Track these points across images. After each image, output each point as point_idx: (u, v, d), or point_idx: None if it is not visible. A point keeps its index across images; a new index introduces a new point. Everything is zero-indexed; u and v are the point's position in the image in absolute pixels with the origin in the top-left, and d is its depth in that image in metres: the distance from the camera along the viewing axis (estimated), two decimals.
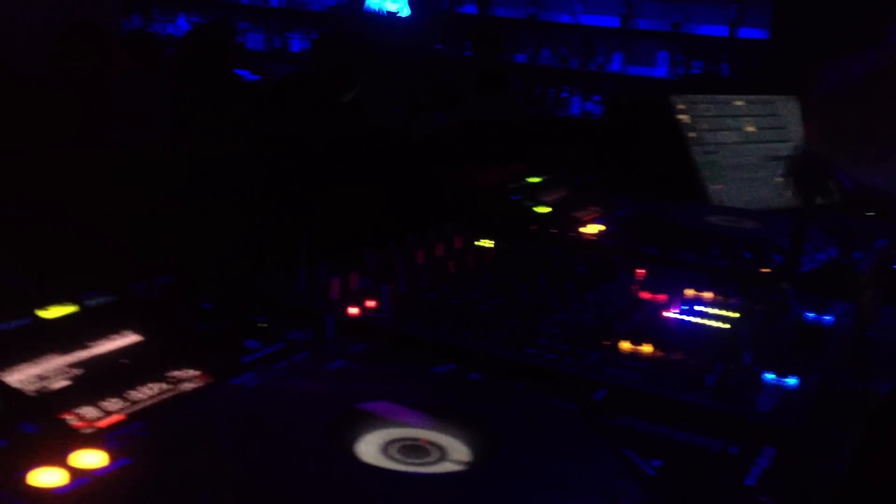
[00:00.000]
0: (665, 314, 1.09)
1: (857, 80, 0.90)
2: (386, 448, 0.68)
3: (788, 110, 2.24)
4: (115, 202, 0.98)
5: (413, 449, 0.68)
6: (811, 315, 1.11)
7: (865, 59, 0.88)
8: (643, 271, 1.25)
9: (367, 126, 1.57)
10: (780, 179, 1.22)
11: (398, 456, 0.67)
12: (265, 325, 0.91)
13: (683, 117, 2.03)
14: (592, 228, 1.51)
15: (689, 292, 1.18)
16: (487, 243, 1.33)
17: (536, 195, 1.59)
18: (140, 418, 0.71)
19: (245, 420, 0.70)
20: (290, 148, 1.31)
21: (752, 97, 2.19)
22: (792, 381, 0.90)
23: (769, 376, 0.91)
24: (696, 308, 1.11)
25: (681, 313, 1.09)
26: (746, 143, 2.09)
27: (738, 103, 2.16)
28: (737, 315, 1.09)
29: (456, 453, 0.68)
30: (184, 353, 0.83)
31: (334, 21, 6.82)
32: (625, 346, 0.97)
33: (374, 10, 6.38)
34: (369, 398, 0.73)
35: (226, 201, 1.11)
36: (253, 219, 1.12)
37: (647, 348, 0.97)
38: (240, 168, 1.17)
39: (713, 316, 1.09)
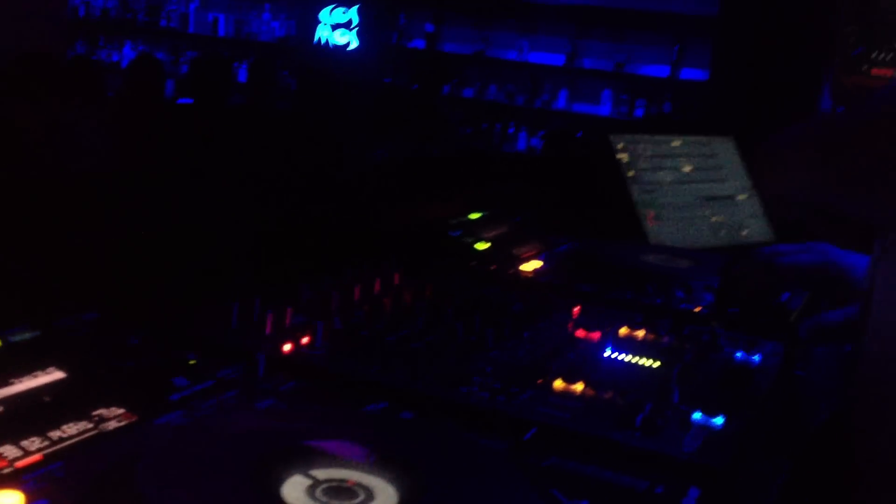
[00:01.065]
0: (599, 352, 1.11)
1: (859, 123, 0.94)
2: (312, 490, 0.67)
3: (725, 151, 2.29)
4: (40, 234, 0.96)
5: (340, 491, 0.67)
6: (740, 354, 1.13)
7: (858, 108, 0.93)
8: (579, 309, 1.27)
9: (314, 159, 1.57)
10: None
11: (324, 498, 0.66)
12: (194, 362, 0.90)
13: (623, 156, 2.07)
14: (530, 266, 1.52)
15: (624, 330, 1.19)
16: (424, 280, 1.34)
17: (476, 231, 1.60)
18: (60, 458, 0.70)
19: (169, 460, 0.69)
20: (229, 180, 1.30)
21: (689, 138, 2.24)
22: (718, 420, 0.92)
23: (696, 416, 0.92)
24: (628, 346, 1.12)
25: (614, 352, 1.11)
26: (683, 183, 2.13)
27: (676, 143, 2.21)
28: (668, 354, 1.11)
29: (383, 495, 0.68)
30: (108, 391, 0.81)
31: (283, 52, 6.83)
32: (558, 384, 0.98)
33: (324, 43, 6.40)
34: (296, 439, 0.72)
35: (156, 234, 1.10)
36: (185, 252, 1.11)
37: (579, 387, 0.98)
38: (173, 199, 1.16)
39: (644, 355, 1.10)
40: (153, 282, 1.04)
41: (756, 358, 1.13)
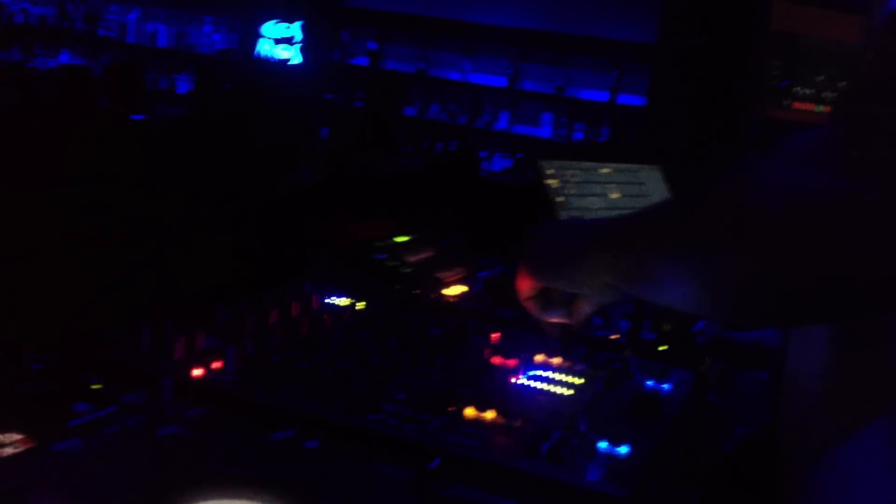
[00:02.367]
0: (513, 379, 1.12)
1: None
2: None
3: (652, 179, 2.34)
4: None
5: None
6: (650, 383, 1.15)
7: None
8: (497, 335, 1.28)
9: (240, 176, 1.55)
10: None
11: None
12: (98, 386, 0.89)
13: (551, 182, 2.09)
14: (454, 290, 1.53)
15: (539, 357, 1.21)
16: (344, 303, 1.34)
17: (402, 255, 1.61)
18: None
19: (62, 488, 0.68)
20: (146, 196, 1.28)
21: (618, 165, 2.28)
22: (623, 449, 0.93)
23: (602, 445, 0.94)
24: (543, 374, 1.14)
25: (528, 379, 1.12)
26: (611, 210, 2.17)
27: (605, 170, 2.24)
28: (581, 381, 1.12)
29: None
30: (7, 416, 0.80)
31: (224, 65, 6.77)
32: (469, 412, 0.99)
33: (265, 57, 6.37)
34: (194, 468, 0.71)
35: (66, 253, 1.08)
36: (96, 272, 1.09)
37: (490, 415, 0.98)
38: (85, 217, 1.14)
39: (558, 382, 1.12)
40: (60, 303, 1.02)
41: (666, 386, 1.15)
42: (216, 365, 1.00)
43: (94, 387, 0.88)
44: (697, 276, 0.76)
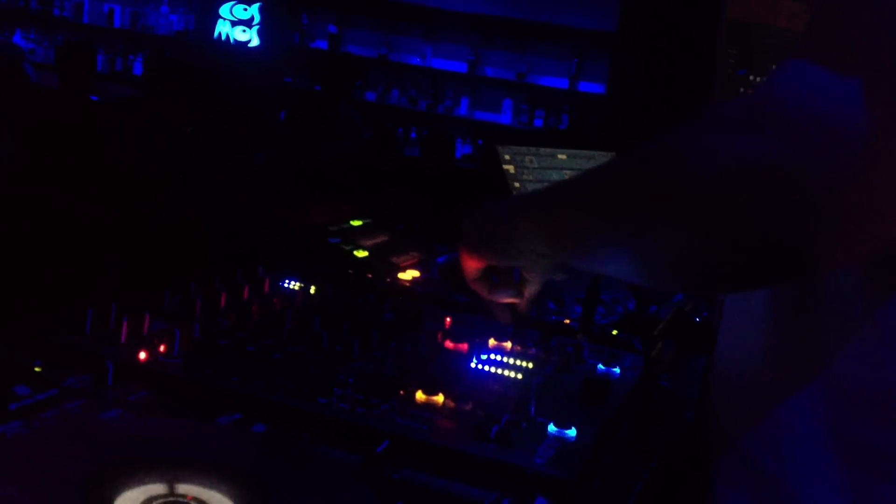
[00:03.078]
0: (465, 364, 1.11)
1: None
2: None
3: None
4: None
5: None
6: (601, 367, 1.16)
7: None
8: (450, 319, 1.28)
9: (192, 158, 1.53)
10: None
11: None
12: (40, 369, 0.87)
13: (508, 167, 2.09)
14: (408, 274, 1.53)
15: (492, 342, 1.21)
16: (297, 287, 1.32)
17: (356, 239, 1.60)
18: None
19: (2, 471, 0.66)
20: (95, 177, 1.26)
21: (574, 151, 2.29)
22: (572, 432, 0.94)
23: (551, 428, 0.94)
24: (495, 358, 1.14)
25: (480, 363, 1.12)
26: None
27: (562, 157, 2.25)
28: (532, 366, 1.13)
29: None
30: None
31: (181, 46, 6.67)
32: (419, 396, 0.98)
33: (223, 39, 6.28)
34: (135, 452, 0.70)
35: (9, 232, 1.05)
36: (41, 253, 1.07)
37: (440, 399, 0.98)
38: (31, 196, 1.11)
39: (509, 366, 1.12)
40: (2, 285, 1.00)
41: (617, 370, 1.16)
42: (162, 348, 0.99)
43: (35, 369, 0.87)
44: (624, 244, 0.76)
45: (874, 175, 0.63)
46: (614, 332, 1.31)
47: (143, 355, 0.96)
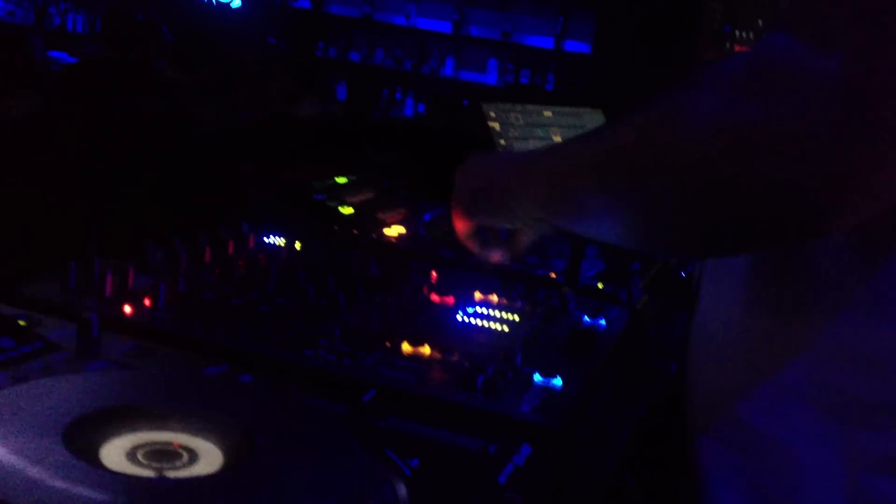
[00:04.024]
0: (451, 317, 1.12)
1: None
2: (133, 452, 0.66)
3: (594, 122, 2.34)
4: None
5: (162, 453, 0.66)
6: (587, 319, 1.17)
7: None
8: (436, 274, 1.28)
9: (175, 115, 1.51)
10: None
11: (145, 461, 0.65)
12: (24, 322, 0.86)
13: (494, 125, 2.08)
14: (394, 231, 1.52)
15: (478, 295, 1.21)
16: (282, 243, 1.32)
17: (341, 196, 1.59)
18: None
19: None
20: (82, 134, 1.25)
21: (560, 108, 2.28)
22: (557, 382, 0.94)
23: (537, 378, 0.94)
24: (481, 311, 1.14)
25: (466, 316, 1.12)
26: None
27: (547, 114, 2.24)
28: (519, 318, 1.13)
29: (207, 457, 0.67)
30: None
31: (165, 7, 6.58)
32: (405, 348, 0.99)
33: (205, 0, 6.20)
34: (120, 401, 0.70)
35: None
36: (24, 209, 1.06)
37: (426, 350, 0.99)
38: (15, 153, 1.10)
39: (495, 319, 1.12)
40: None
41: (602, 322, 1.17)
42: (147, 302, 0.98)
43: (19, 322, 0.86)
44: (624, 208, 0.75)
45: (880, 135, 0.63)
46: (600, 286, 1.32)
47: (127, 309, 0.96)
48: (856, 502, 0.78)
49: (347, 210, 1.54)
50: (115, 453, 0.65)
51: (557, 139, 2.21)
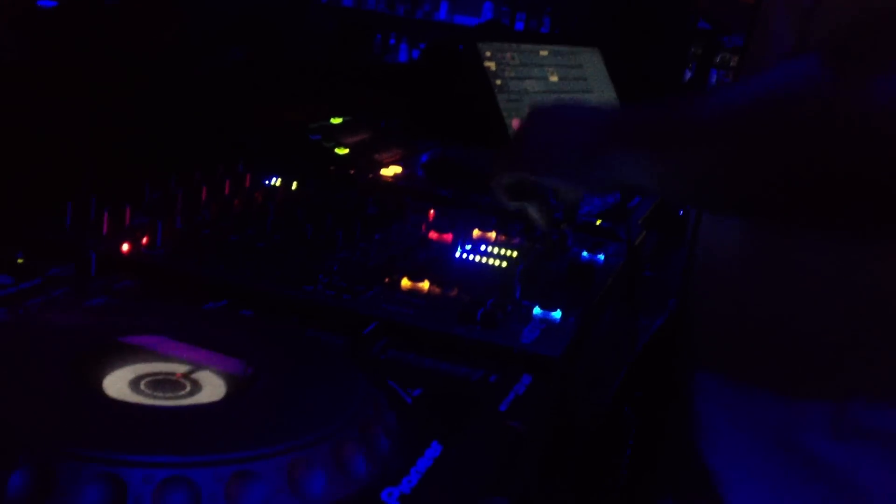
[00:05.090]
0: (450, 253, 1.12)
1: None
2: (136, 382, 0.66)
3: (591, 62, 2.32)
4: None
5: (165, 383, 0.66)
6: (585, 254, 1.17)
7: None
8: (434, 212, 1.27)
9: (170, 54, 1.49)
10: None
11: (148, 390, 0.65)
12: (22, 260, 0.86)
13: (490, 64, 2.06)
14: (390, 170, 1.52)
15: (476, 233, 1.21)
16: (278, 183, 1.31)
17: (337, 136, 1.58)
18: None
19: None
20: (76, 73, 1.23)
21: (556, 48, 2.25)
22: (557, 314, 0.95)
23: (536, 311, 0.95)
24: (480, 248, 1.14)
25: (464, 252, 1.12)
26: (549, 93, 2.15)
27: (544, 53, 2.22)
28: (517, 255, 1.13)
29: (210, 387, 0.67)
30: None
31: None
32: (404, 283, 0.99)
33: None
34: (123, 333, 0.70)
35: None
36: (19, 147, 1.05)
37: (425, 285, 0.99)
38: (12, 91, 1.09)
39: (494, 255, 1.12)
40: None
41: (600, 258, 1.17)
42: (145, 240, 0.98)
43: (18, 261, 0.86)
44: (737, 171, 0.71)
45: None
46: (598, 222, 1.31)
47: (125, 247, 0.95)
48: (842, 432, 0.79)
49: (343, 151, 1.53)
50: (118, 384, 0.65)
51: (554, 79, 2.19)
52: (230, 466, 0.55)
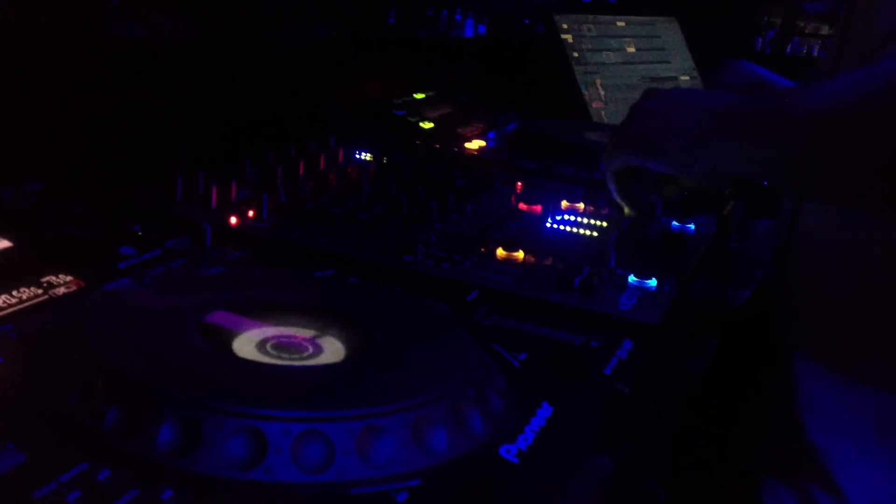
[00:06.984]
0: (540, 224, 1.14)
1: None
2: (262, 344, 0.70)
3: (668, 32, 2.30)
4: None
5: (288, 346, 0.70)
6: (675, 224, 1.17)
7: None
8: (521, 184, 1.29)
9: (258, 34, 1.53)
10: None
11: (273, 352, 0.69)
12: (140, 233, 0.91)
13: (567, 37, 2.06)
14: (474, 144, 1.54)
15: (564, 203, 1.22)
16: (369, 157, 1.35)
17: (421, 111, 1.60)
18: (10, 321, 0.71)
19: (120, 320, 0.71)
20: (170, 52, 1.27)
21: (633, 18, 2.24)
22: (652, 282, 0.96)
23: (631, 278, 0.96)
24: (569, 218, 1.16)
25: (555, 223, 1.14)
26: (627, 64, 2.14)
27: (620, 24, 2.21)
28: (607, 224, 1.14)
29: (331, 349, 0.70)
30: (56, 260, 0.82)
31: None
32: (500, 252, 1.01)
33: None
34: (246, 299, 0.74)
35: (100, 106, 1.08)
36: (129, 124, 1.10)
37: (520, 255, 1.01)
38: (116, 71, 1.14)
39: (585, 225, 1.14)
40: (96, 154, 1.03)
41: (691, 227, 1.17)
42: (251, 213, 1.02)
43: (137, 233, 0.90)
44: (851, 158, 0.69)
45: None
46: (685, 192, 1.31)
47: (233, 220, 0.99)
48: None
49: (428, 125, 1.56)
50: (246, 346, 0.69)
51: (631, 50, 2.18)
52: (361, 421, 0.58)
